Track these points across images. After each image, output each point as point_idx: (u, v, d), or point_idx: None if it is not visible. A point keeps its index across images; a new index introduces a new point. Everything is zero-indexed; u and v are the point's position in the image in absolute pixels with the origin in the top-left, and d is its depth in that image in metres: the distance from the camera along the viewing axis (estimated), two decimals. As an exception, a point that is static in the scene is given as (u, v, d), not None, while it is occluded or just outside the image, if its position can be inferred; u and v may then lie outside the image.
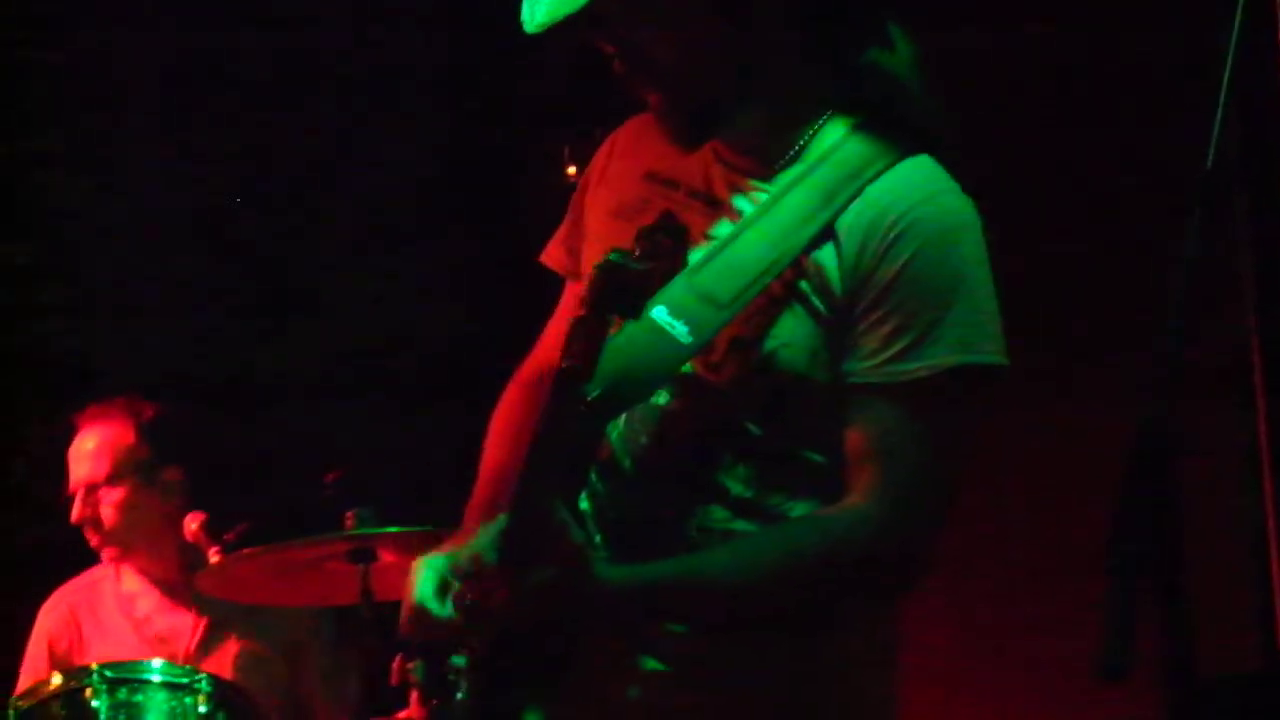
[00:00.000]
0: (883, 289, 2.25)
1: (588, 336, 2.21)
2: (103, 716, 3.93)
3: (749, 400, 2.30)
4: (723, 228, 2.31)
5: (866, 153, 2.31)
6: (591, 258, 2.43)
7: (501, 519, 2.30)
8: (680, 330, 2.27)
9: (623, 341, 2.23)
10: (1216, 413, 3.62)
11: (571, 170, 2.73)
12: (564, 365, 2.21)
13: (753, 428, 2.31)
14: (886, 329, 2.24)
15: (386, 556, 4.11)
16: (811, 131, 2.32)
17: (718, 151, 2.34)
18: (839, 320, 2.26)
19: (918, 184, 2.28)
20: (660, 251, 2.21)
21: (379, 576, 4.06)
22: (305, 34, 5.50)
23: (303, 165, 5.68)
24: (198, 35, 5.50)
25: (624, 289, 2.20)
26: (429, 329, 5.63)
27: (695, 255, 2.27)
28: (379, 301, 5.67)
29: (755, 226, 2.28)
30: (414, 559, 3.99)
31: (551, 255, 2.60)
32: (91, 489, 4.60)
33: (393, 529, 4.09)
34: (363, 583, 4.04)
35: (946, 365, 2.23)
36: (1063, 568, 4.30)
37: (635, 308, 2.21)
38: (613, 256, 2.20)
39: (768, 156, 2.31)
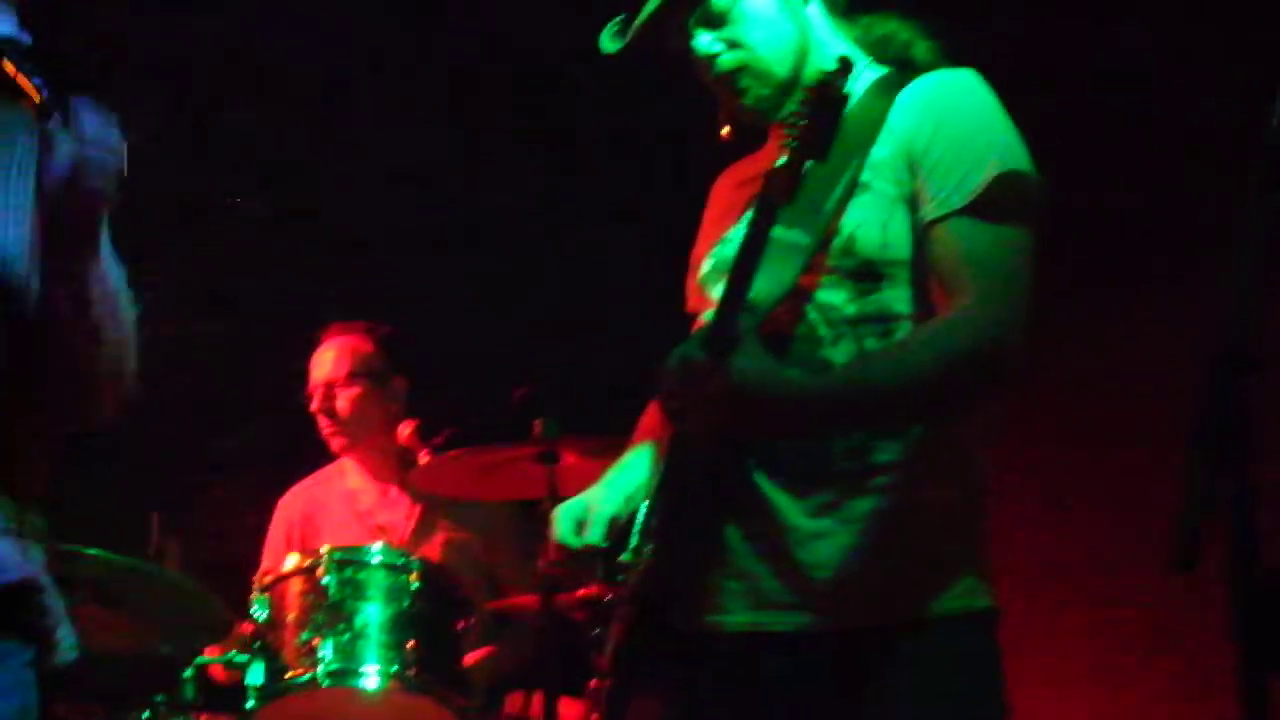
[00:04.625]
0: (928, 147, 2.55)
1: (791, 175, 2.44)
2: (332, 591, 4.13)
3: (845, 280, 2.55)
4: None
5: (898, 78, 2.68)
6: (702, 256, 2.81)
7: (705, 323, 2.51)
8: (798, 235, 2.53)
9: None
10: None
11: (725, 130, 2.77)
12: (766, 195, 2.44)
13: (847, 306, 2.55)
14: (941, 172, 2.52)
15: (568, 458, 4.46)
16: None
17: (781, 131, 2.63)
18: (907, 191, 2.55)
19: (933, 76, 2.65)
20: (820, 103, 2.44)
21: (562, 475, 4.40)
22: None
23: (492, 124, 5.93)
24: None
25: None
26: (607, 260, 5.86)
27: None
28: (565, 238, 5.89)
29: (831, 149, 2.54)
30: (590, 460, 4.42)
31: (692, 302, 2.87)
32: (331, 385, 5.01)
33: (572, 435, 4.44)
34: (548, 480, 4.39)
35: (993, 175, 2.48)
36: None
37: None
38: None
39: None
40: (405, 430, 4.92)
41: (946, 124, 2.58)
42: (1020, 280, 2.50)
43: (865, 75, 2.72)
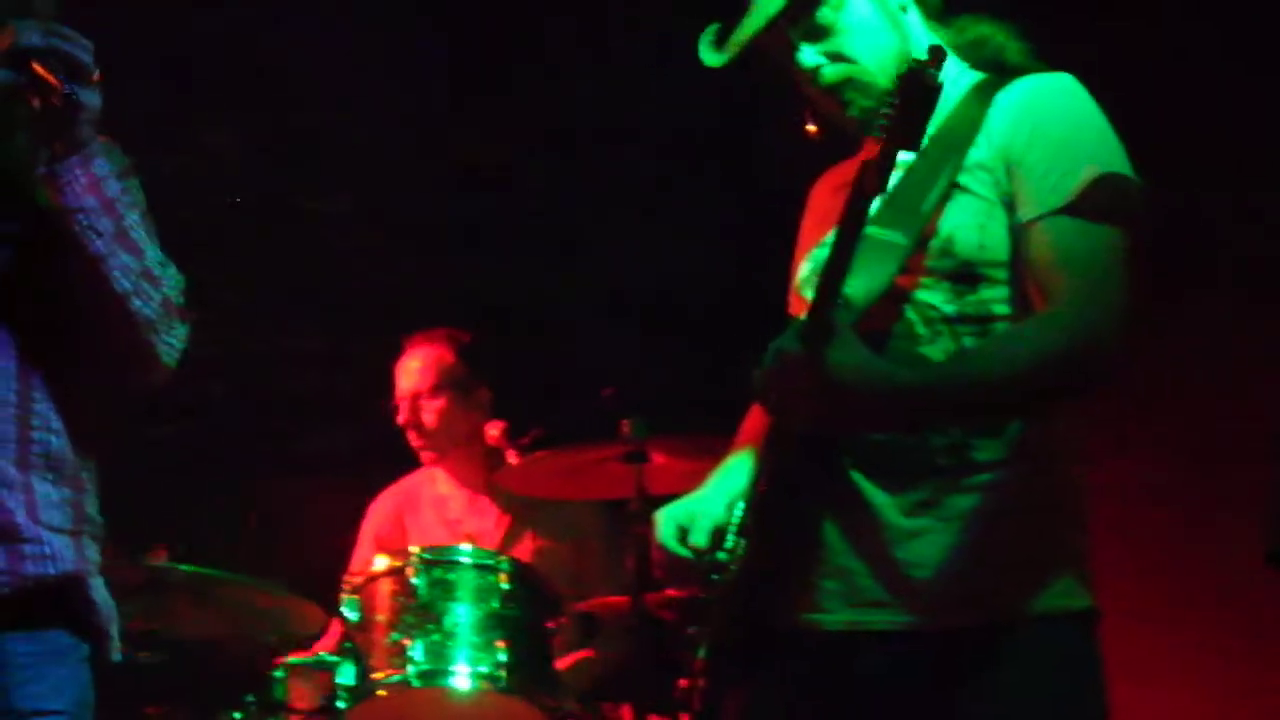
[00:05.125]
0: (1026, 149, 2.56)
1: (880, 169, 2.40)
2: (422, 592, 4.15)
3: (942, 280, 2.56)
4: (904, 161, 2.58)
5: (994, 82, 2.68)
6: (801, 260, 2.82)
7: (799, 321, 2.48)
8: (895, 235, 2.54)
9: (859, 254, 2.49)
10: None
11: (811, 128, 2.78)
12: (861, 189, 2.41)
13: (945, 305, 2.56)
14: (1038, 174, 2.53)
15: (656, 458, 4.49)
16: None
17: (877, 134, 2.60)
18: (1004, 193, 2.56)
19: (1030, 79, 2.65)
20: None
21: (650, 475, 4.43)
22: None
23: (585, 122, 5.93)
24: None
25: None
26: (694, 266, 5.80)
27: (890, 186, 2.50)
28: (650, 242, 5.87)
29: (928, 149, 2.57)
30: (679, 460, 4.44)
31: (793, 305, 2.88)
32: (416, 398, 5.07)
33: (661, 434, 4.46)
34: (636, 480, 4.41)
35: (1090, 177, 2.50)
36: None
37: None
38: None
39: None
40: (493, 431, 4.97)
41: (1044, 126, 2.59)
42: (1117, 281, 2.50)
43: (961, 79, 2.73)
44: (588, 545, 5.04)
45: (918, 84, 2.38)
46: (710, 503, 2.73)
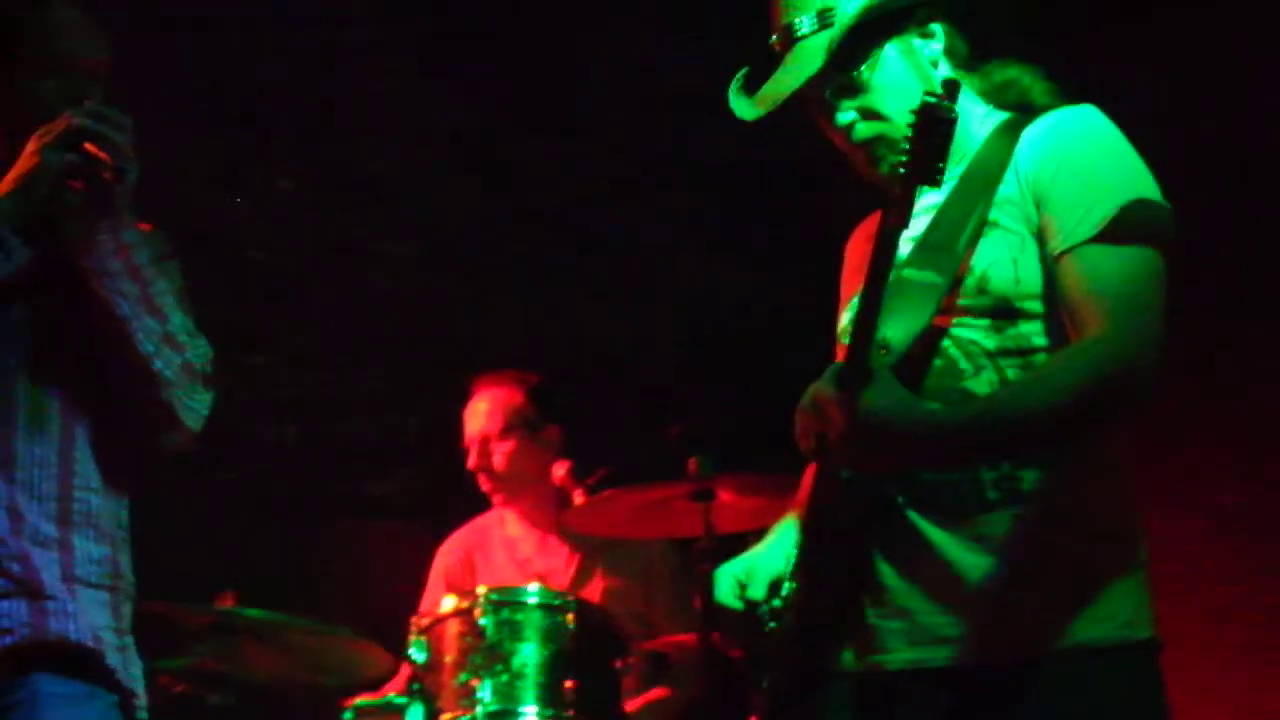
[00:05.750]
0: (1053, 181, 2.58)
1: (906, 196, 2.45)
2: (490, 632, 4.17)
3: (980, 316, 2.57)
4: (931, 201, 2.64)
5: (1020, 120, 2.70)
6: (843, 312, 2.84)
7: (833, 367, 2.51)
8: (931, 276, 2.58)
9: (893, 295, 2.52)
10: None
11: None
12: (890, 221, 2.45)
13: (986, 340, 2.57)
14: (1067, 205, 2.55)
15: (723, 496, 4.45)
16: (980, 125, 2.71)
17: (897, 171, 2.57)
18: (1035, 227, 2.58)
19: (1055, 114, 2.68)
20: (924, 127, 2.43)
21: (718, 513, 4.40)
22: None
23: (638, 165, 5.94)
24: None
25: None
26: (760, 303, 5.80)
27: (920, 227, 2.58)
28: (716, 279, 5.89)
29: (957, 189, 2.63)
30: (746, 498, 4.42)
31: (839, 355, 2.86)
32: (486, 440, 5.07)
33: (728, 472, 4.42)
34: (704, 518, 4.39)
35: (1118, 205, 2.52)
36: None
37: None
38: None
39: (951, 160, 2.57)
40: (560, 470, 4.99)
41: (1069, 158, 2.61)
42: (1150, 305, 2.52)
43: (989, 120, 2.75)
44: (656, 584, 5.03)
45: (932, 117, 2.41)
46: (768, 557, 2.75)
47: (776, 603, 2.66)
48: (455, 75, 5.68)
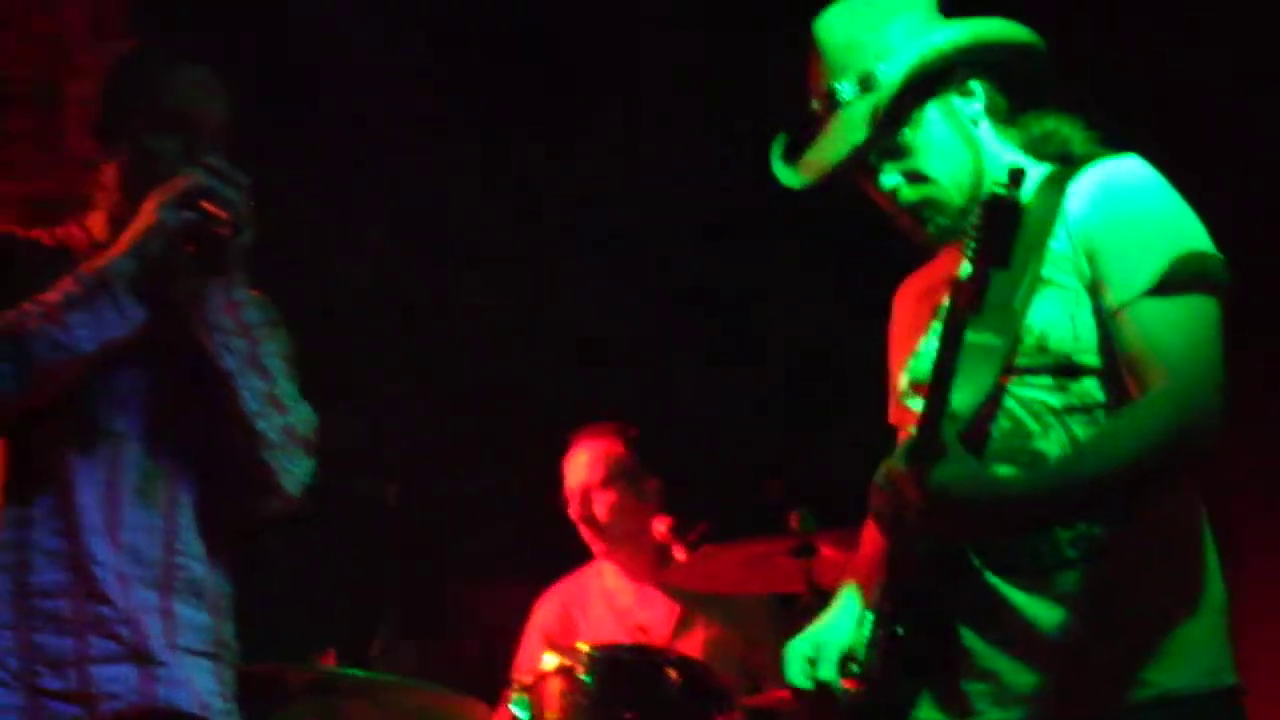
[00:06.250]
0: (1103, 236, 2.61)
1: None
2: (592, 689, 4.14)
3: (1042, 375, 2.61)
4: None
5: (1063, 172, 2.71)
6: (897, 369, 2.88)
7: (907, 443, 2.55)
8: (991, 338, 2.61)
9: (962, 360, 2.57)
10: None
11: None
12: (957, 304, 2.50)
13: (1051, 398, 2.61)
14: (1119, 260, 2.58)
15: (826, 551, 4.46)
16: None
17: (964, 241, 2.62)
18: (1087, 282, 2.60)
19: (1100, 166, 2.68)
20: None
21: (820, 568, 4.41)
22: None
23: (743, 210, 5.78)
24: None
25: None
26: (857, 355, 5.80)
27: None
28: (812, 330, 5.83)
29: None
30: (849, 553, 4.37)
31: (893, 415, 2.95)
32: (587, 491, 5.11)
33: (830, 527, 4.43)
34: (806, 574, 4.40)
35: (1171, 258, 2.55)
36: None
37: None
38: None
39: None
40: (661, 526, 4.99)
41: (1119, 212, 2.63)
42: (1211, 355, 2.55)
43: (1032, 173, 2.75)
44: (758, 638, 5.01)
45: (1001, 208, 2.46)
46: (834, 631, 2.80)
47: (855, 668, 2.71)
48: (552, 138, 5.72)
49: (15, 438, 2.88)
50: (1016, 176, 2.49)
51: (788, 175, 2.81)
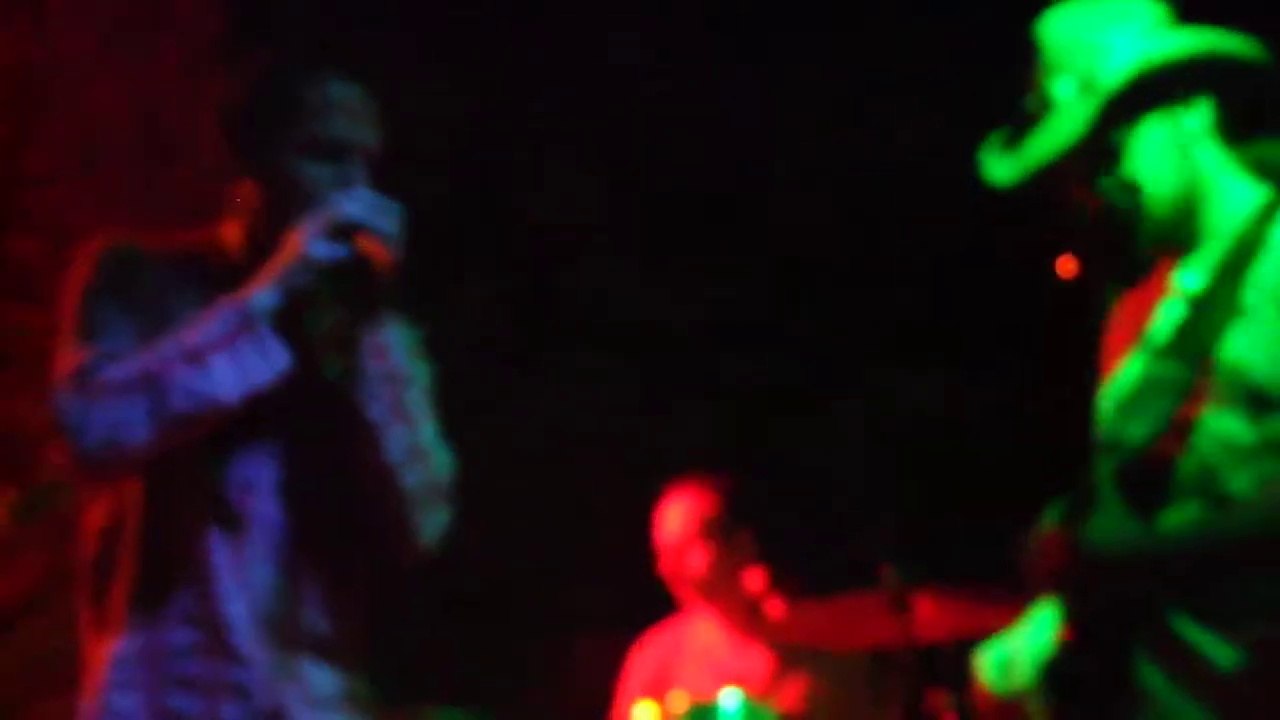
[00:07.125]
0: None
1: None
2: None
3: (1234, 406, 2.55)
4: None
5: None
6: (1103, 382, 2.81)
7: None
8: (1178, 368, 2.55)
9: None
10: None
11: (1069, 267, 2.78)
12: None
13: (1243, 434, 2.55)
14: None
15: (923, 607, 4.40)
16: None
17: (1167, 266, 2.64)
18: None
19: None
20: None
21: (916, 623, 4.36)
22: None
23: (829, 262, 5.93)
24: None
25: None
26: (950, 405, 5.78)
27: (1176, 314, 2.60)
28: (907, 379, 5.86)
29: (1215, 273, 2.60)
30: (944, 608, 4.36)
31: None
32: (679, 546, 5.07)
33: (924, 581, 4.38)
34: (902, 629, 4.35)
35: None
36: None
37: None
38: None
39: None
40: (755, 581, 4.95)
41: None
42: None
43: (1249, 196, 2.70)
44: (856, 691, 4.93)
45: (1108, 220, 2.48)
46: (1031, 639, 2.72)
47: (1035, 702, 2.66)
48: (621, 190, 5.72)
49: (149, 492, 2.72)
50: (1270, 209, 2.47)
51: (1001, 168, 2.72)
